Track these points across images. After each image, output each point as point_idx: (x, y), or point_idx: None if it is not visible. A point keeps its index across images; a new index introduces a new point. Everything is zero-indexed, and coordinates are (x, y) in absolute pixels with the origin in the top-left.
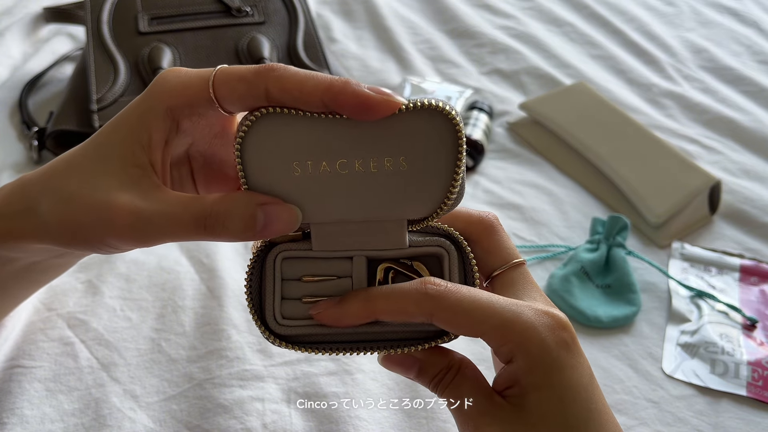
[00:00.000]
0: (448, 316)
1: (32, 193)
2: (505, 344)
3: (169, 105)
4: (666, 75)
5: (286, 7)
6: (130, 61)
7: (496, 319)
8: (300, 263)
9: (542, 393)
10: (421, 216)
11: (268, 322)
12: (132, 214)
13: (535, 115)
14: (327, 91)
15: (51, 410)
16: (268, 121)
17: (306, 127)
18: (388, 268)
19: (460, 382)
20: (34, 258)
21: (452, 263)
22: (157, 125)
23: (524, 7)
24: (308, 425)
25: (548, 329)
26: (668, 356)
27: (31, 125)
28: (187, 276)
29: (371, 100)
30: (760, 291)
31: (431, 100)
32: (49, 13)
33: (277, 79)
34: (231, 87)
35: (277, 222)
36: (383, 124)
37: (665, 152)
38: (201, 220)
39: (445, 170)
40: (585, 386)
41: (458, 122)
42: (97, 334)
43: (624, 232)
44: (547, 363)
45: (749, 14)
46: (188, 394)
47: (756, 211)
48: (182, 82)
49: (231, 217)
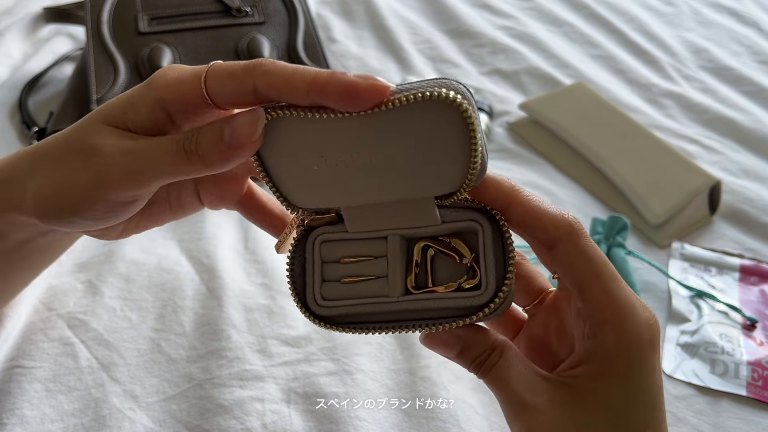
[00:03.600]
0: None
1: (22, 165)
2: (602, 313)
3: (161, 96)
4: (666, 75)
5: (286, 7)
6: (130, 61)
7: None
8: (338, 246)
9: (616, 382)
10: (447, 192)
11: (309, 304)
12: (122, 152)
13: (535, 115)
14: (312, 83)
15: (51, 410)
16: (283, 122)
17: (317, 125)
18: (426, 246)
19: (506, 364)
20: (21, 234)
21: (486, 236)
22: (146, 110)
23: (524, 7)
24: (308, 425)
25: (646, 322)
26: (668, 356)
27: (31, 125)
28: (187, 276)
29: (357, 86)
30: (759, 291)
31: (434, 89)
32: (49, 13)
33: (264, 74)
34: (221, 83)
35: (240, 124)
36: (390, 117)
37: (665, 152)
38: (181, 144)
39: (460, 151)
40: (657, 392)
41: (464, 107)
42: (97, 334)
43: (624, 232)
44: (635, 354)
45: (749, 14)
46: (188, 394)
47: (756, 211)
48: (177, 77)
49: (203, 134)
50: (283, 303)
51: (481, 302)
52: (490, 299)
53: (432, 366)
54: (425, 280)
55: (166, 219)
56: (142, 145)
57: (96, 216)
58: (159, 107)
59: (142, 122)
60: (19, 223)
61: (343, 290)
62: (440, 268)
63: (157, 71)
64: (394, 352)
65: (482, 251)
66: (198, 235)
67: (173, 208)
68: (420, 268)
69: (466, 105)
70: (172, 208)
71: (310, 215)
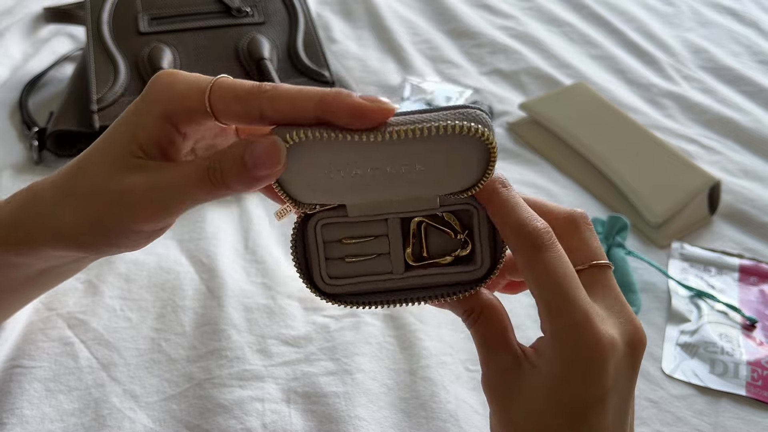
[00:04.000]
0: None
1: (44, 200)
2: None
3: (166, 110)
4: (665, 75)
5: (286, 7)
6: (130, 61)
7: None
8: (338, 228)
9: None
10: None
11: (317, 282)
12: (149, 188)
13: (534, 115)
14: (319, 105)
15: (51, 410)
16: (302, 146)
17: (337, 147)
18: (421, 222)
19: (483, 323)
20: (50, 263)
21: (481, 216)
22: (155, 126)
23: (524, 8)
24: (308, 425)
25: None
26: (668, 356)
27: (31, 125)
28: (187, 276)
29: (364, 108)
30: (759, 291)
31: (463, 123)
32: (50, 13)
33: (270, 99)
34: (227, 105)
35: (262, 154)
36: (413, 144)
37: (665, 152)
38: (205, 172)
39: (475, 171)
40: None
41: (490, 140)
42: (96, 334)
43: (623, 232)
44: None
45: (749, 14)
46: (188, 394)
47: (755, 211)
48: (179, 91)
49: (225, 161)
50: (283, 303)
51: (478, 276)
52: (485, 274)
53: (432, 366)
54: (420, 251)
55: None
56: (167, 178)
57: (132, 244)
58: (165, 121)
59: (153, 138)
60: (50, 257)
61: (347, 268)
62: (434, 240)
63: (151, 80)
64: (394, 352)
65: (477, 229)
66: (198, 235)
67: None
68: (415, 240)
69: (492, 138)
70: None
71: (313, 208)
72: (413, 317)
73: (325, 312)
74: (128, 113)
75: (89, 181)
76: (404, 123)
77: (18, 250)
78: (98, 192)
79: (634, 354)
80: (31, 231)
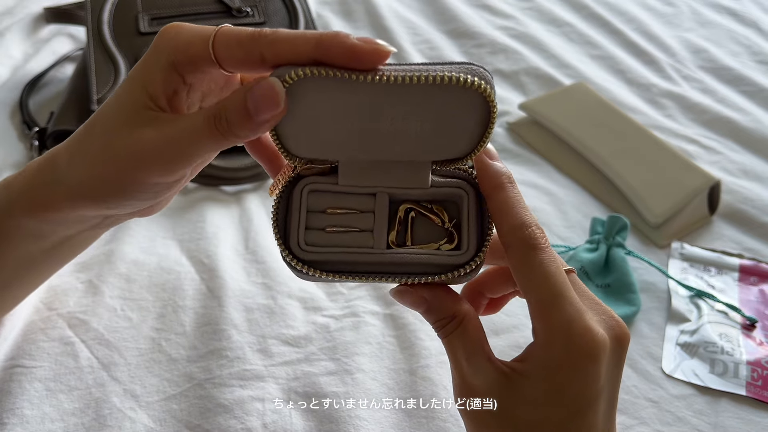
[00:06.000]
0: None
1: (61, 161)
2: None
3: (173, 60)
4: (665, 75)
5: (286, 7)
6: (130, 61)
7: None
8: (325, 197)
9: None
10: (447, 158)
11: (292, 248)
12: (158, 140)
13: (534, 116)
14: (317, 47)
15: (51, 410)
16: (301, 86)
17: (337, 90)
18: (409, 209)
19: (459, 335)
20: (67, 231)
21: (470, 202)
22: (162, 77)
23: (524, 8)
24: (308, 425)
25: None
26: (668, 356)
27: (31, 125)
28: (188, 276)
29: (360, 49)
30: (759, 291)
31: (462, 75)
32: (50, 13)
33: (270, 44)
34: (230, 51)
35: (262, 98)
36: (412, 92)
37: (665, 152)
38: (212, 121)
39: (475, 132)
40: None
41: (491, 98)
42: (97, 333)
43: (623, 232)
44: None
45: (748, 14)
46: (188, 393)
47: (755, 211)
48: (184, 40)
49: (228, 110)
50: (283, 303)
51: (461, 261)
52: (470, 259)
53: (432, 366)
54: (404, 239)
55: (187, 180)
56: (175, 129)
57: (149, 198)
58: (172, 70)
59: (161, 88)
60: (70, 220)
61: (327, 238)
62: (420, 229)
63: (163, 30)
64: (394, 352)
65: (465, 214)
66: (198, 235)
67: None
68: (401, 227)
69: (493, 96)
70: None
71: (305, 164)
72: (413, 317)
73: (326, 312)
74: (137, 68)
75: (101, 138)
76: (404, 71)
77: (37, 214)
78: (110, 148)
79: (620, 349)
80: (49, 193)
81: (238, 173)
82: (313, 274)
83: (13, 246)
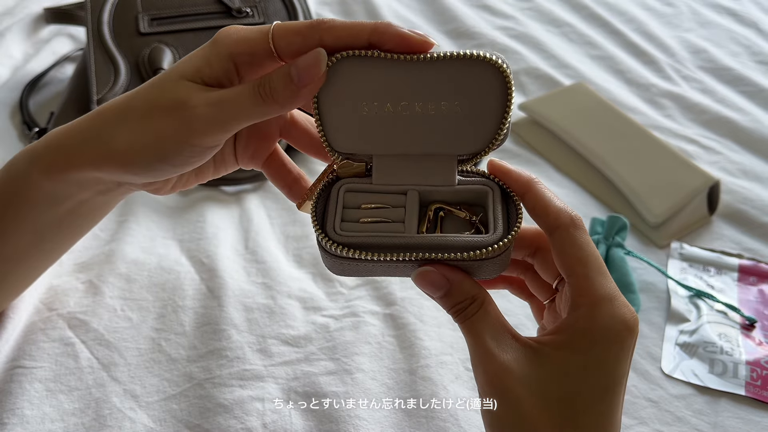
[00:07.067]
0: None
1: (109, 119)
2: (582, 297)
3: (233, 50)
4: (665, 75)
5: (286, 7)
6: (130, 62)
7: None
8: (360, 196)
9: (576, 355)
10: (472, 152)
11: (328, 232)
12: (206, 103)
13: (534, 116)
14: (373, 32)
15: (51, 410)
16: (346, 64)
17: (376, 68)
18: (438, 209)
19: (483, 315)
20: (81, 195)
21: (495, 196)
22: (220, 64)
23: (523, 8)
24: (308, 425)
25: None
26: (667, 356)
27: (32, 125)
28: (188, 276)
29: (411, 38)
30: (758, 291)
31: (485, 52)
32: (50, 13)
33: (329, 29)
34: (288, 40)
35: (305, 65)
36: (441, 69)
37: (664, 152)
38: (257, 89)
39: (495, 114)
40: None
41: (508, 75)
42: (97, 334)
43: (623, 232)
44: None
45: (748, 15)
46: (188, 393)
47: (755, 211)
48: (244, 36)
49: (274, 78)
50: (283, 303)
51: (489, 241)
52: (498, 239)
53: (432, 366)
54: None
55: (208, 176)
56: (223, 94)
57: (182, 161)
58: (230, 60)
59: (215, 74)
60: (87, 182)
61: (361, 227)
62: (448, 228)
63: (223, 30)
64: (394, 352)
65: (491, 207)
66: (198, 235)
67: (216, 165)
68: (430, 225)
69: (509, 71)
70: (216, 165)
71: (344, 159)
72: (413, 317)
73: (325, 312)
74: (193, 56)
75: (146, 98)
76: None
77: (54, 175)
78: (156, 107)
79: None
80: (83, 151)
81: (238, 173)
82: (346, 254)
83: (30, 208)
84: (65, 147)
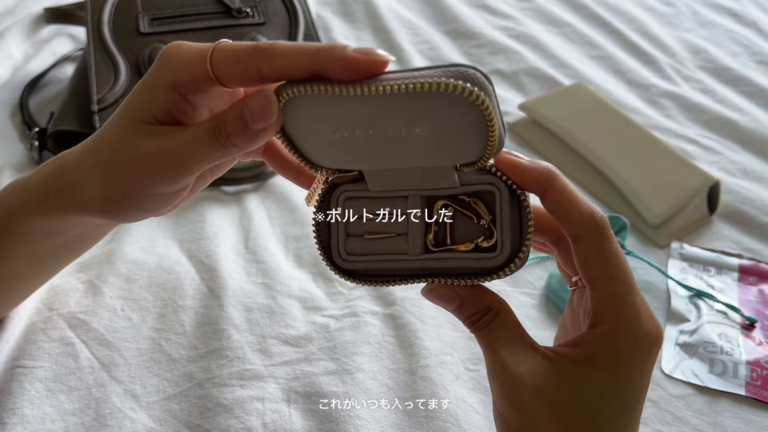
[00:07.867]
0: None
1: (70, 173)
2: (604, 314)
3: (173, 80)
4: (665, 75)
5: (286, 7)
6: (130, 62)
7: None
8: (360, 202)
9: (597, 372)
10: (466, 162)
11: (335, 258)
12: (161, 151)
13: (534, 116)
14: (315, 60)
15: (51, 410)
16: (297, 101)
17: (328, 103)
18: (445, 205)
19: (498, 325)
20: (80, 230)
21: (503, 200)
22: (164, 96)
23: (523, 8)
24: (308, 425)
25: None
26: (667, 356)
27: (31, 126)
28: (188, 276)
29: (357, 62)
30: (758, 291)
31: (449, 81)
32: (50, 13)
33: (267, 58)
34: (228, 68)
35: (257, 109)
36: (407, 99)
37: (664, 152)
38: (212, 132)
39: (477, 135)
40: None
41: (481, 100)
42: (97, 334)
43: (623, 232)
44: (624, 355)
45: (748, 15)
46: (188, 393)
47: (755, 211)
48: (185, 60)
49: (226, 120)
50: (283, 303)
51: (496, 264)
52: (505, 262)
53: (432, 366)
54: (444, 238)
55: (209, 180)
56: (177, 141)
57: (156, 207)
58: (173, 90)
59: (164, 108)
60: (81, 222)
61: (366, 246)
62: (459, 227)
63: (164, 50)
64: (394, 352)
65: (498, 213)
66: (198, 235)
67: (212, 169)
68: (439, 226)
69: (483, 97)
70: (211, 169)
71: (333, 173)
72: (413, 317)
73: (325, 312)
74: (139, 86)
75: (107, 151)
76: (395, 79)
77: (51, 216)
78: (116, 160)
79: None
80: (62, 201)
81: (239, 173)
82: (351, 282)
83: (26, 242)
84: (52, 192)
